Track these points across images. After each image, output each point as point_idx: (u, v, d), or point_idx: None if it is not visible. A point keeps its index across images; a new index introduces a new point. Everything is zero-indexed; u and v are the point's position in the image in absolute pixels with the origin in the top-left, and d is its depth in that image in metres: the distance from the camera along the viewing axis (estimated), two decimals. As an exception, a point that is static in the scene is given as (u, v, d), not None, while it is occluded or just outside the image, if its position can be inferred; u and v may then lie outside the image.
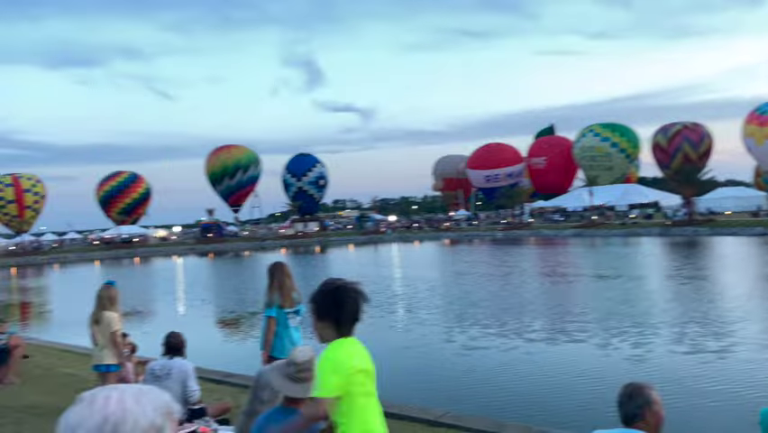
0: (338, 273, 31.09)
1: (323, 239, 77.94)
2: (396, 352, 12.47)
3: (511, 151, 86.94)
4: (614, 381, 8.66)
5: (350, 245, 66.61)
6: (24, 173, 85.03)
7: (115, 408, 1.02)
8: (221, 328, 17.70)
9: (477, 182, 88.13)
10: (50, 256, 70.84)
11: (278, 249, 69.11)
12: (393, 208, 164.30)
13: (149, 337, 13.87)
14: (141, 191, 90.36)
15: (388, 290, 22.91)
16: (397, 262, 39.06)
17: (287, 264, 6.39)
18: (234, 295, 24.63)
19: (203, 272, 40.52)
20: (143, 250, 74.74)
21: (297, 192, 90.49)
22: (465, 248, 49.91)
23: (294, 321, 6.21)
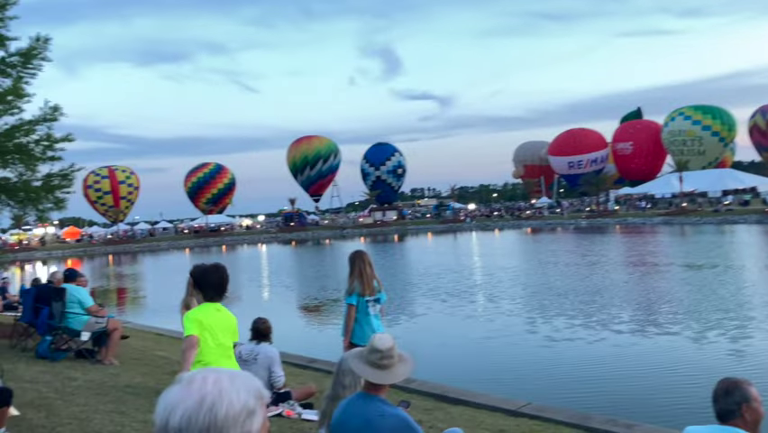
0: (416, 263, 31.28)
1: (401, 228, 78.16)
2: (478, 342, 12.34)
3: (595, 136, 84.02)
4: (709, 376, 8.22)
5: (428, 234, 66.48)
6: (119, 165, 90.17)
7: (212, 388, 1.05)
8: (303, 314, 18.05)
9: (559, 169, 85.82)
10: (143, 244, 74.99)
11: (357, 237, 69.87)
12: (472, 197, 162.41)
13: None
14: (227, 181, 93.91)
15: (468, 279, 22.69)
16: (477, 250, 38.62)
17: (367, 253, 6.44)
18: (316, 282, 25.06)
19: (286, 260, 41.51)
20: (230, 238, 77.72)
21: (375, 181, 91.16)
22: (547, 237, 48.73)
23: (374, 309, 6.23)
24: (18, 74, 11.48)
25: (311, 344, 12.71)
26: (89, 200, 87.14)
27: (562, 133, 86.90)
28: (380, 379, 3.15)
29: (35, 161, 11.51)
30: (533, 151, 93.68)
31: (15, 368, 7.79)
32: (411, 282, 22.83)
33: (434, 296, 18.94)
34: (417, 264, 30.07)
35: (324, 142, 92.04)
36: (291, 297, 21.64)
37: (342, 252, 46.31)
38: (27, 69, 11.47)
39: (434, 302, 17.80)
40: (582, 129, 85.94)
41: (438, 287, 20.92)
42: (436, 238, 59.53)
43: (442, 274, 24.66)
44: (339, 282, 23.69)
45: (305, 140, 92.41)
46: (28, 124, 11.56)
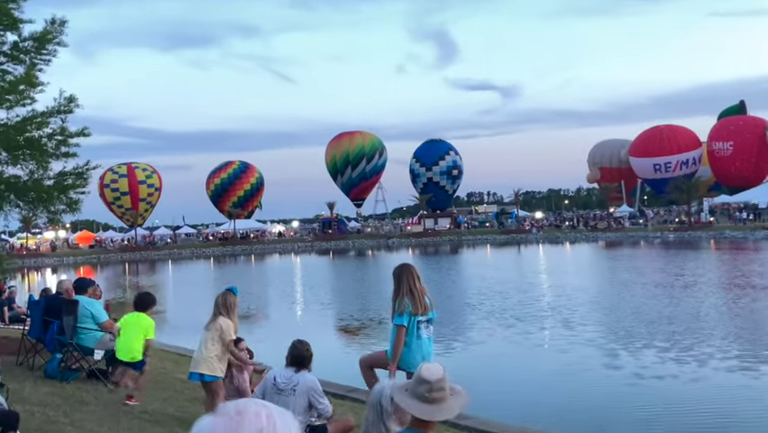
0: (474, 279, 31.00)
1: (456, 238, 78.06)
2: (546, 376, 12.02)
3: (686, 134, 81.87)
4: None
5: (487, 246, 66.26)
6: (140, 163, 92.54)
7: (267, 423, 1.11)
8: (342, 337, 18.13)
9: (643, 172, 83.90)
10: (163, 252, 76.82)
11: (404, 248, 69.97)
12: (539, 203, 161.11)
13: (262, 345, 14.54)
14: (254, 182, 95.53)
15: (536, 301, 22.33)
16: (546, 267, 38.11)
17: (414, 266, 6.35)
18: (357, 300, 25.16)
19: (322, 273, 41.89)
20: (259, 247, 78.85)
21: (426, 184, 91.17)
22: (629, 252, 47.87)
23: (427, 330, 6.20)
24: (31, 60, 11.74)
25: (350, 371, 12.64)
26: (106, 201, 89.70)
27: (646, 130, 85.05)
28: (429, 415, 3.10)
29: (48, 157, 11.71)
30: (611, 151, 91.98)
31: (22, 388, 7.93)
32: (467, 303, 22.65)
33: (495, 319, 18.75)
34: (475, 282, 29.93)
35: (369, 139, 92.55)
36: (328, 316, 21.82)
37: (387, 265, 46.03)
38: (41, 54, 11.72)
39: (496, 327, 17.61)
40: (671, 126, 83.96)
41: (500, 309, 20.70)
42: (497, 251, 59.09)
43: (505, 294, 24.41)
44: (382, 300, 23.55)
45: (346, 136, 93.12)
46: (41, 117, 11.77)
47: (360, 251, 69.38)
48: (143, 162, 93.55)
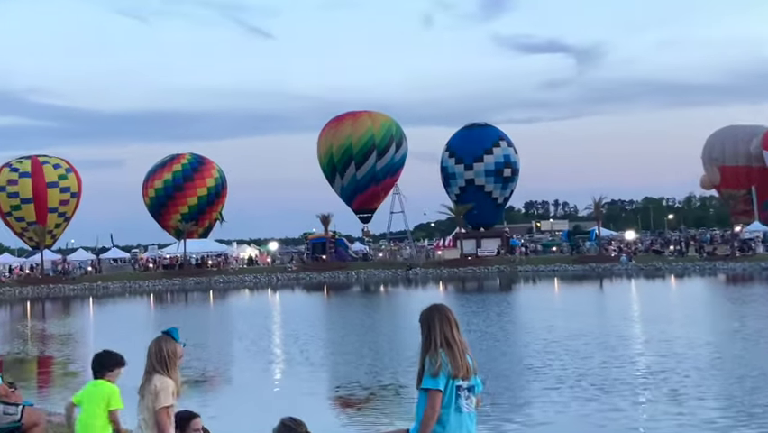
0: (539, 328, 30.82)
1: (508, 268, 78.00)
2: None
3: None
4: None
5: (554, 280, 66.15)
6: (51, 156, 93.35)
7: None
8: (345, 411, 18.23)
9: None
10: (81, 286, 77.09)
11: (432, 283, 69.65)
12: (631, 219, 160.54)
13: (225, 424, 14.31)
14: (211, 183, 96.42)
15: (629, 363, 22.21)
16: (641, 312, 37.84)
17: (450, 309, 6.29)
18: (364, 358, 25.18)
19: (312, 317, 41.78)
20: (221, 279, 78.91)
21: (465, 188, 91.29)
22: (764, 291, 47.37)
23: (468, 402, 6.15)
24: None
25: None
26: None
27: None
28: None
29: None
30: (736, 142, 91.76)
31: None
32: (528, 365, 22.68)
33: (568, 390, 18.68)
34: (538, 333, 29.79)
35: (380, 123, 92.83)
36: (322, 381, 22.00)
37: (407, 307, 45.91)
38: None
39: (569, 400, 17.64)
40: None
41: (576, 374, 20.61)
42: (569, 288, 58.88)
43: (582, 352, 24.34)
44: (401, 358, 23.59)
45: (348, 118, 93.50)
46: None
47: (367, 286, 69.33)
48: (54, 156, 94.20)
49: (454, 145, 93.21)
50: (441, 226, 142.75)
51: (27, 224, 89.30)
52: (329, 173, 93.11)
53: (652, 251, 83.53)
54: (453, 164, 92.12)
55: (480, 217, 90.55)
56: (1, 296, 72.85)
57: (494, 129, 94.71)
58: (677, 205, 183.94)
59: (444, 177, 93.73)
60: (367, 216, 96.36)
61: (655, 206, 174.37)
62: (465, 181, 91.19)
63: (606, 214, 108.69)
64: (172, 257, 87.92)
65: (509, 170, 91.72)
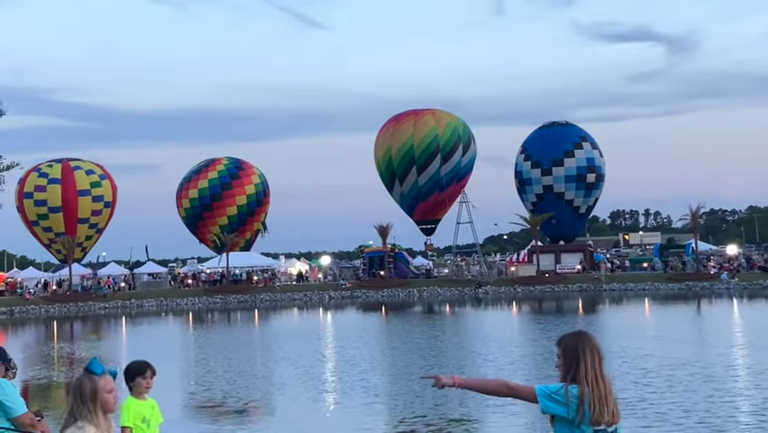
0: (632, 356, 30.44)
1: (591, 286, 77.59)
2: None
3: None
4: None
5: (645, 301, 65.49)
6: (83, 161, 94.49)
7: None
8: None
9: None
10: (113, 303, 77.92)
11: (504, 302, 69.33)
12: (733, 231, 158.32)
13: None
14: (252, 191, 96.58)
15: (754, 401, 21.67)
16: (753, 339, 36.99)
17: (596, 339, 6.31)
18: (428, 387, 24.79)
19: (369, 340, 41.80)
20: (267, 297, 79.30)
21: (542, 196, 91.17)
22: None
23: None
24: None
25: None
26: (25, 220, 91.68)
27: None
28: None
29: None
30: None
31: None
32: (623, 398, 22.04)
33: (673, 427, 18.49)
34: (633, 361, 29.60)
35: (445, 122, 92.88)
36: (381, 414, 21.94)
37: (477, 329, 45.72)
38: None
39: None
40: None
41: (680, 409, 20.38)
42: (662, 309, 58.34)
43: (686, 384, 24.11)
44: None
45: (409, 117, 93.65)
46: None
47: (430, 306, 69.27)
48: (88, 161, 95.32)
49: (531, 147, 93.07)
50: (514, 239, 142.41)
51: (55, 234, 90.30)
52: (388, 179, 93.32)
53: (758, 267, 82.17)
54: (529, 168, 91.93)
55: (559, 229, 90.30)
56: (26, 315, 74.00)
57: (576, 128, 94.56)
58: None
59: (519, 183, 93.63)
60: (430, 228, 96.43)
61: (762, 216, 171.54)
62: (543, 188, 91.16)
63: (704, 225, 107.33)
64: (213, 272, 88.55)
65: (593, 175, 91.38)
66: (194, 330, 55.10)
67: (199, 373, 30.24)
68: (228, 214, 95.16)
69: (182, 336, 51.67)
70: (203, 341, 45.11)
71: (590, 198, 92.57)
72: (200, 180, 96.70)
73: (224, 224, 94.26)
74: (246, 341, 44.88)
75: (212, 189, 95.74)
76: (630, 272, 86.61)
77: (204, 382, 27.66)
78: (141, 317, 67.33)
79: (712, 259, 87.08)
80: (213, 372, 30.30)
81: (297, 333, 48.46)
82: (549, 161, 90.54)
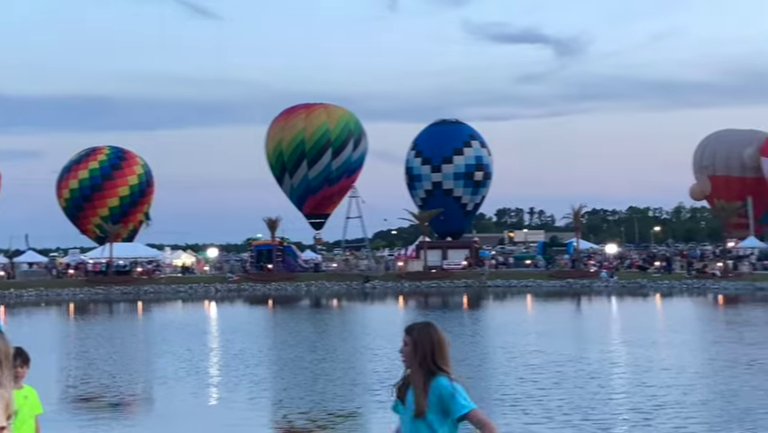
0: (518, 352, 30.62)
1: (476, 282, 78.11)
2: None
3: None
4: None
5: (527, 297, 66.28)
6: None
7: None
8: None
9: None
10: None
11: (391, 297, 69.44)
12: (613, 230, 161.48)
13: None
14: (135, 181, 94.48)
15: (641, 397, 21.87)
16: (633, 336, 37.57)
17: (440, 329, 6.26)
18: (314, 381, 24.95)
19: (255, 334, 41.34)
20: (151, 289, 77.89)
21: (431, 192, 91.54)
22: (760, 315, 47.71)
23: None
24: None
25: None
26: None
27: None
28: None
29: None
30: (730, 147, 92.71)
31: None
32: (506, 394, 22.47)
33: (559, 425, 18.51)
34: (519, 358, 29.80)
35: (337, 116, 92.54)
36: (264, 409, 21.80)
37: (365, 324, 45.62)
38: None
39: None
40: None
41: (569, 406, 20.46)
42: (543, 306, 58.86)
43: (573, 381, 24.27)
44: (357, 383, 23.64)
45: (300, 110, 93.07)
46: None
47: (317, 300, 69.01)
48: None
49: (421, 144, 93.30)
50: (403, 234, 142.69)
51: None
52: (278, 172, 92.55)
53: (636, 267, 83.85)
54: (420, 165, 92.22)
55: (447, 225, 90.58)
56: None
57: (465, 126, 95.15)
58: (664, 216, 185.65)
59: (409, 179, 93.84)
60: (319, 222, 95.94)
61: (641, 216, 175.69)
62: (432, 185, 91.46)
63: (586, 224, 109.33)
64: (96, 262, 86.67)
65: (481, 173, 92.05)
66: (75, 322, 53.89)
67: (79, 366, 29.47)
68: (109, 205, 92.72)
69: (62, 328, 50.43)
70: (84, 333, 44.07)
71: (478, 196, 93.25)
72: (80, 170, 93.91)
73: (105, 215, 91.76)
74: (129, 334, 44.00)
75: (92, 180, 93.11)
76: (514, 269, 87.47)
77: (83, 376, 26.98)
78: (20, 308, 65.57)
79: (593, 257, 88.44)
80: (93, 364, 29.54)
81: (181, 326, 47.78)
82: (439, 158, 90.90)
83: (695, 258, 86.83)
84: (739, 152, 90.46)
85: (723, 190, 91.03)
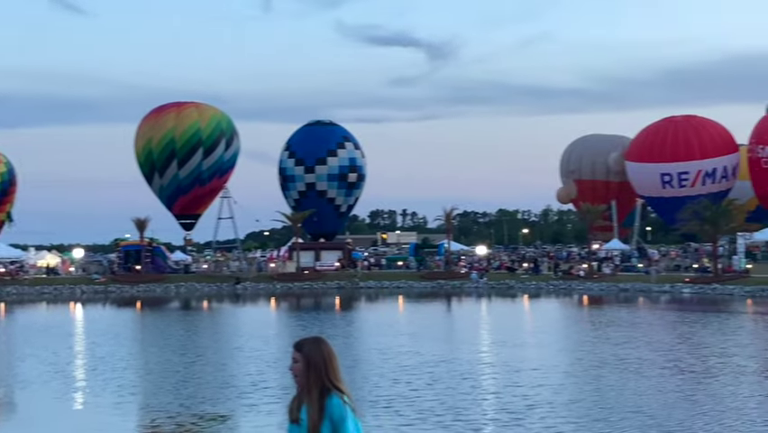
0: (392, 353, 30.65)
1: (349, 283, 78.19)
2: None
3: (715, 130, 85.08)
4: None
5: (399, 298, 66.56)
6: None
7: None
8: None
9: (644, 187, 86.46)
10: None
11: (263, 299, 69.07)
12: (483, 232, 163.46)
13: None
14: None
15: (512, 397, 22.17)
16: (504, 337, 38.04)
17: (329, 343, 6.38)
18: (184, 384, 24.62)
19: (122, 337, 40.53)
20: (14, 290, 75.59)
21: (304, 194, 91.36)
22: (623, 315, 49.07)
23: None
24: None
25: None
26: None
27: (652, 123, 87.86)
28: None
29: None
30: (595, 153, 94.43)
31: None
32: (379, 396, 22.35)
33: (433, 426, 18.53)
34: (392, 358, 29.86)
35: (209, 116, 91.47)
36: (130, 413, 21.39)
37: (235, 326, 45.22)
38: None
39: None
40: (691, 117, 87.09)
41: (443, 407, 20.49)
42: (414, 307, 59.34)
43: (446, 381, 24.40)
44: (229, 386, 23.30)
45: (171, 109, 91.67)
46: None
47: (187, 301, 68.15)
48: None
49: (295, 144, 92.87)
50: (276, 235, 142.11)
51: None
52: (147, 171, 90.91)
53: (505, 268, 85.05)
54: (293, 166, 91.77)
55: (320, 226, 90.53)
56: None
57: (339, 128, 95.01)
58: (533, 219, 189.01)
59: (282, 180, 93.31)
60: (190, 223, 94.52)
61: (509, 219, 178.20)
62: (306, 186, 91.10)
63: (457, 226, 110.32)
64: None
65: (355, 174, 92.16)
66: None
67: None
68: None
69: None
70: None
71: (351, 198, 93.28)
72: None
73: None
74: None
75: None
76: (386, 270, 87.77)
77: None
78: None
79: (463, 259, 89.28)
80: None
81: (46, 328, 46.54)
82: (312, 159, 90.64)
83: (562, 259, 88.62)
84: (604, 157, 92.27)
85: (589, 194, 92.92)
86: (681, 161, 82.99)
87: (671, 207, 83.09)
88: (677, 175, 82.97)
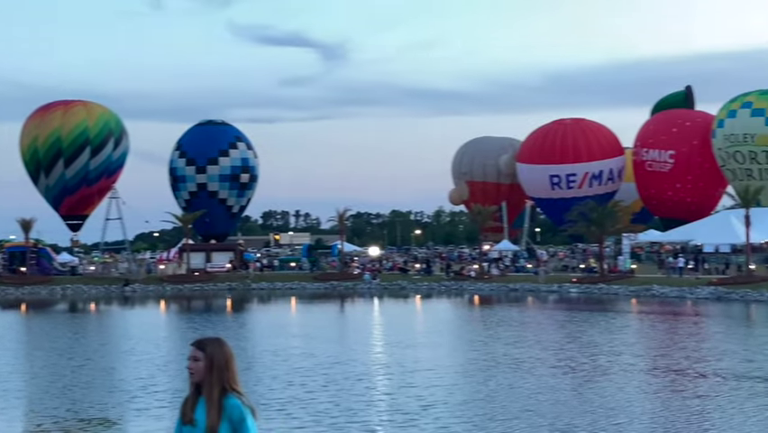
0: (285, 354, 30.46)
1: (241, 285, 77.70)
2: None
3: (602, 133, 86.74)
4: None
5: (292, 300, 66.35)
6: None
7: None
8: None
9: (534, 188, 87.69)
10: None
11: (152, 301, 68.07)
12: (376, 233, 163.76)
13: None
14: None
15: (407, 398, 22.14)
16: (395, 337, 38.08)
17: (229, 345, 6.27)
18: (71, 388, 24.08)
19: (6, 340, 39.39)
20: None
21: (195, 194, 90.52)
22: (513, 315, 49.80)
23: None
24: None
25: None
26: None
27: (542, 126, 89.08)
28: None
29: None
30: (486, 155, 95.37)
31: None
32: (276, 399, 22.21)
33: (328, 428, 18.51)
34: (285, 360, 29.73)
35: (97, 114, 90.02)
36: (15, 420, 20.85)
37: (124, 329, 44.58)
38: None
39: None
40: (579, 120, 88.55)
41: (341, 408, 20.50)
42: (306, 308, 59.37)
43: (341, 383, 24.38)
44: (116, 390, 22.86)
45: (58, 107, 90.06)
46: None
47: (74, 304, 66.79)
48: None
49: (186, 144, 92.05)
50: (166, 237, 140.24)
51: None
52: (32, 171, 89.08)
53: (397, 269, 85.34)
54: (184, 166, 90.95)
55: (211, 227, 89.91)
56: None
57: (231, 128, 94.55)
58: (425, 220, 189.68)
59: (173, 180, 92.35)
60: (77, 223, 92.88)
61: (402, 220, 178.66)
62: (197, 186, 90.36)
63: (350, 227, 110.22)
64: None
65: (247, 175, 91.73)
66: None
67: None
68: None
69: None
70: None
71: (243, 198, 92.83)
72: None
73: None
74: None
75: None
76: (279, 272, 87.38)
77: None
78: None
79: (356, 260, 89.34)
80: None
81: None
82: (204, 160, 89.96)
83: (453, 260, 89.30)
84: (495, 159, 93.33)
85: (480, 195, 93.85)
86: (569, 164, 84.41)
87: (559, 209, 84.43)
88: (565, 177, 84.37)
